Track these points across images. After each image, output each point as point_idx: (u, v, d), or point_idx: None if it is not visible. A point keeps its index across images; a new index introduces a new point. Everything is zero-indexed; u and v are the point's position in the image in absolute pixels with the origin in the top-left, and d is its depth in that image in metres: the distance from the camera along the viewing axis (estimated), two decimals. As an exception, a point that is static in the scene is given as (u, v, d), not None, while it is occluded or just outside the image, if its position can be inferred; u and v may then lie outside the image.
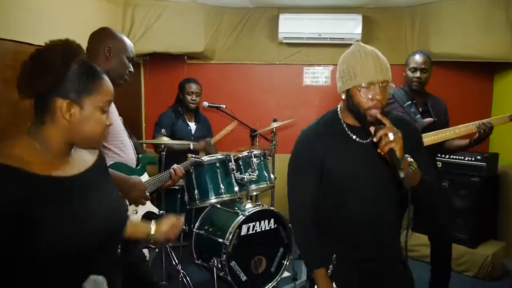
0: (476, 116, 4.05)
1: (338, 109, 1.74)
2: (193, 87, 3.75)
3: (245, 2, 4.37)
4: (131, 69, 2.13)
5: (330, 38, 4.35)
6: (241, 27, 4.55)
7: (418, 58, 2.92)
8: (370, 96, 1.53)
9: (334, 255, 1.72)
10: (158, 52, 4.31)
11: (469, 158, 3.77)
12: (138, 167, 2.13)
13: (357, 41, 4.29)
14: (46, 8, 2.82)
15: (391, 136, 1.44)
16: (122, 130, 2.06)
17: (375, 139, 1.48)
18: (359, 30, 4.27)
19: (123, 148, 2.03)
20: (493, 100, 4.33)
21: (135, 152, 2.16)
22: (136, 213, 2.04)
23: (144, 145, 4.21)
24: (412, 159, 1.50)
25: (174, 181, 2.44)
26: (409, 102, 2.93)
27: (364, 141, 1.67)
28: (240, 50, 4.60)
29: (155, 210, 2.21)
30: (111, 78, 2.05)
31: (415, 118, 2.87)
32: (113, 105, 2.05)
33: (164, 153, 2.96)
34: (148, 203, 2.14)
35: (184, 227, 3.16)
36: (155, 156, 3.19)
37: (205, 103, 3.80)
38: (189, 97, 3.74)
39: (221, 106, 3.84)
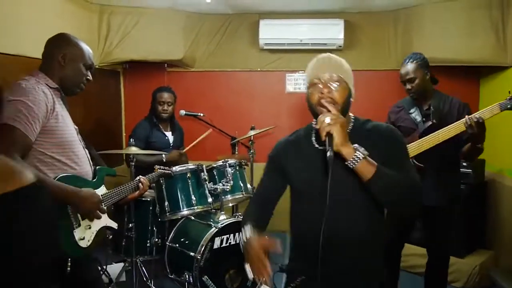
0: (462, 121, 3.98)
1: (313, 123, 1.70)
2: (165, 96, 3.63)
3: (224, 8, 4.29)
4: (89, 77, 2.03)
5: (312, 43, 4.27)
6: (221, 33, 4.46)
7: (402, 70, 2.77)
8: (317, 91, 1.54)
9: (299, 279, 1.62)
10: (137, 60, 4.22)
11: (455, 165, 3.66)
12: (94, 180, 2.02)
13: (340, 46, 4.24)
14: (20, 17, 2.79)
15: (327, 119, 1.39)
16: (76, 141, 1.95)
17: (316, 126, 1.45)
18: (341, 35, 4.18)
19: (76, 160, 1.92)
20: (480, 104, 4.24)
21: (91, 164, 2.05)
22: (90, 228, 1.92)
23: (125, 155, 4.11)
24: (363, 149, 1.41)
25: (139, 193, 2.33)
26: (414, 108, 2.81)
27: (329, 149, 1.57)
28: (220, 57, 4.51)
29: (113, 224, 2.08)
30: (66, 86, 1.98)
31: (417, 122, 2.75)
32: (67, 114, 1.95)
33: (133, 163, 2.85)
34: (105, 217, 2.02)
35: (156, 240, 3.08)
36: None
37: (182, 112, 3.69)
38: (160, 107, 3.62)
39: (199, 114, 3.73)
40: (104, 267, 3.18)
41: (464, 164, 3.64)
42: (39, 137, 1.76)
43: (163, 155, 3.43)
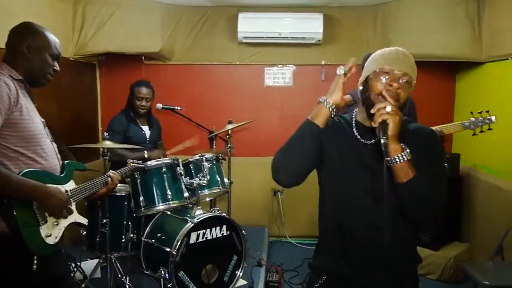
0: (438, 116, 4.03)
1: (357, 109, 1.66)
2: (143, 91, 3.55)
3: (203, 1, 4.24)
4: (56, 67, 1.96)
5: (291, 37, 4.25)
6: (200, 26, 4.40)
7: None
8: (385, 81, 1.47)
9: (324, 277, 1.60)
10: (113, 52, 4.13)
11: (430, 159, 3.70)
12: (62, 175, 1.96)
13: (319, 40, 4.23)
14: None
15: (388, 108, 1.36)
16: (42, 134, 1.88)
17: (372, 111, 1.40)
18: (320, 29, 4.17)
19: (43, 154, 1.86)
20: (456, 100, 4.29)
21: (59, 158, 1.99)
22: (57, 224, 1.87)
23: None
24: (408, 150, 1.38)
25: (109, 188, 2.27)
26: None
27: (368, 142, 1.55)
28: (199, 51, 4.45)
29: (82, 220, 2.03)
30: (32, 78, 1.91)
31: None
32: (32, 107, 1.89)
33: (107, 158, 2.79)
34: (74, 212, 1.97)
35: (131, 235, 3.03)
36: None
37: (159, 105, 3.63)
38: (138, 103, 3.54)
39: (176, 108, 3.68)
40: (78, 263, 3.13)
41: (440, 158, 3.68)
42: (3, 131, 1.69)
43: (145, 153, 3.38)
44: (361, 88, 1.56)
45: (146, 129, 3.65)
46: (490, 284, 2.65)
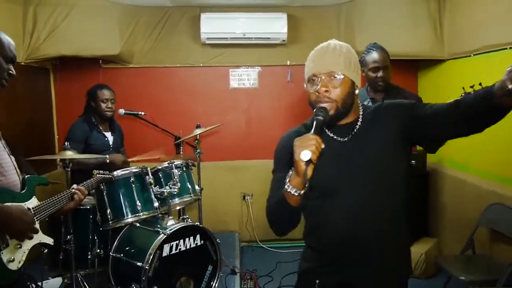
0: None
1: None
2: (107, 93, 3.36)
3: (163, 1, 4.08)
4: (12, 71, 1.75)
5: (255, 38, 4.18)
6: (160, 27, 4.23)
7: (376, 55, 2.71)
8: (314, 89, 1.42)
9: (318, 281, 1.50)
10: (68, 56, 3.89)
11: (399, 157, 3.74)
12: (24, 191, 1.77)
13: (283, 40, 4.18)
14: None
15: (305, 156, 1.23)
16: (-1, 147, 1.69)
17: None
18: (284, 29, 4.13)
19: (0, 170, 1.66)
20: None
21: (19, 173, 1.79)
22: (20, 247, 1.68)
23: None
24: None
25: (76, 202, 2.08)
26: (367, 101, 2.76)
27: (344, 139, 1.48)
28: (160, 53, 4.28)
29: (48, 240, 1.84)
30: None
31: None
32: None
33: (69, 169, 2.59)
34: (39, 233, 1.78)
35: (98, 251, 2.84)
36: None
37: (121, 111, 3.44)
38: (103, 105, 3.35)
39: (140, 113, 3.50)
40: (39, 283, 2.89)
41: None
42: None
43: (107, 157, 3.19)
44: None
45: (108, 135, 3.46)
46: (465, 279, 2.69)
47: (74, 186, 2.11)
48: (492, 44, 3.09)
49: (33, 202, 1.79)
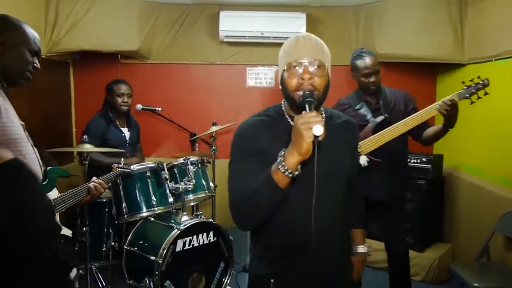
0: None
1: (282, 103, 1.57)
2: (123, 88, 3.40)
3: (183, -2, 4.11)
4: (36, 64, 1.79)
5: (273, 37, 4.17)
6: (179, 24, 4.26)
7: (368, 61, 2.70)
8: (297, 76, 1.39)
9: (272, 280, 1.49)
10: (88, 50, 3.93)
11: (415, 161, 3.72)
12: (45, 182, 1.81)
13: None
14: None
15: (320, 130, 1.21)
16: (22, 138, 1.71)
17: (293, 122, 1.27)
18: (303, 29, 4.12)
19: (24, 160, 1.69)
20: (436, 101, 4.30)
21: (41, 164, 1.83)
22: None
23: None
24: None
25: (94, 196, 2.12)
26: (360, 104, 2.77)
27: None
28: (178, 49, 4.31)
29: (67, 232, 1.88)
30: (9, 76, 1.74)
31: (367, 118, 2.71)
32: (11, 108, 1.72)
33: (86, 162, 2.63)
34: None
35: (112, 243, 2.87)
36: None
37: (139, 106, 3.48)
38: (119, 99, 3.39)
39: (157, 109, 3.54)
40: (54, 274, 2.94)
41: (424, 159, 3.70)
42: None
43: (122, 160, 3.23)
44: (280, 87, 1.48)
45: (125, 131, 3.49)
46: (479, 286, 2.66)
47: (94, 178, 2.14)
48: (514, 49, 3.04)
49: (54, 194, 1.83)
